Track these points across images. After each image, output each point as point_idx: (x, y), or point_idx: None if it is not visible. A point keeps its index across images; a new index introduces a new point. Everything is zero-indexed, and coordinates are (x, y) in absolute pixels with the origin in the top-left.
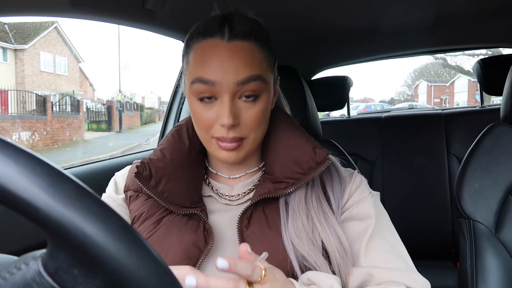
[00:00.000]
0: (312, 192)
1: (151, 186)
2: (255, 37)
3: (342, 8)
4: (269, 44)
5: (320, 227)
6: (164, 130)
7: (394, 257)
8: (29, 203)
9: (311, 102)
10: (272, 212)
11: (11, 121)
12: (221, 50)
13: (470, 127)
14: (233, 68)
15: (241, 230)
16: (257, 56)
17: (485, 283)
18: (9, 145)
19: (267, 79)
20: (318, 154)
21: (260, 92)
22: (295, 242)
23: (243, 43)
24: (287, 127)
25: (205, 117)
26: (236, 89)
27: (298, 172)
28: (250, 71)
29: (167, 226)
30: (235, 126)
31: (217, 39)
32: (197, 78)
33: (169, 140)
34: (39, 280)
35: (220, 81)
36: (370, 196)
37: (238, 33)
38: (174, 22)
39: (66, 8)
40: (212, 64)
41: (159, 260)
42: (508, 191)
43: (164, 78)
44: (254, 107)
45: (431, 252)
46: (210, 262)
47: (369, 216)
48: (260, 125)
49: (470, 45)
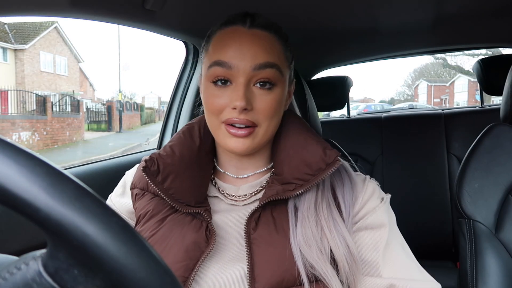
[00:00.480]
0: (322, 197)
1: (157, 182)
2: (275, 31)
3: (342, 8)
4: (287, 44)
5: (329, 234)
6: (164, 130)
7: (411, 266)
8: (29, 203)
9: (311, 102)
10: (281, 216)
11: (11, 121)
12: (242, 35)
13: (470, 127)
14: (251, 53)
15: (248, 232)
16: (276, 46)
17: (485, 283)
18: (9, 145)
19: (284, 72)
20: (328, 155)
21: (275, 81)
22: (303, 249)
23: (264, 32)
24: (297, 127)
25: (217, 101)
26: (252, 74)
27: (308, 173)
28: (268, 58)
29: (170, 225)
30: (247, 111)
31: (238, 26)
32: (214, 62)
33: (179, 137)
34: (39, 280)
35: (237, 65)
36: (383, 204)
37: (259, 23)
38: (174, 22)
39: (66, 8)
40: (231, 48)
41: (159, 260)
42: (508, 191)
43: (164, 78)
44: (269, 95)
45: (431, 252)
46: (211, 262)
47: (383, 225)
48: (273, 116)
49: (470, 45)
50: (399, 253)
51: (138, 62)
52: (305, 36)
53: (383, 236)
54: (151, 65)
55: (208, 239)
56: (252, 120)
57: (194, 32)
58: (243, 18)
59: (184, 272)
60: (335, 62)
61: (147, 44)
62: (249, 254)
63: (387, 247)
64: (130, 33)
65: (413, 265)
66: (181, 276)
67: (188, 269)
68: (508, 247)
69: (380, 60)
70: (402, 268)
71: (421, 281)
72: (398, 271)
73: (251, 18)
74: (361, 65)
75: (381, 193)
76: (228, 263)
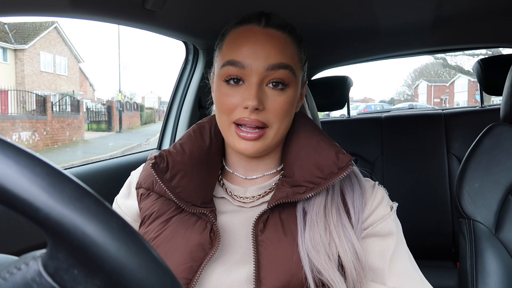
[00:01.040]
0: (332, 202)
1: (165, 179)
2: (290, 31)
3: (342, 8)
4: (302, 45)
5: (338, 240)
6: (164, 130)
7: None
8: (29, 203)
9: (311, 102)
10: (289, 219)
11: (11, 121)
12: (256, 34)
13: (470, 127)
14: (265, 53)
15: (256, 234)
16: (290, 47)
17: (485, 283)
18: (9, 145)
19: (297, 73)
20: (340, 159)
21: (288, 82)
22: (310, 254)
23: (278, 32)
24: (309, 130)
25: (229, 100)
26: (265, 74)
27: (319, 176)
28: (282, 59)
29: (175, 226)
30: (258, 110)
31: (253, 25)
32: (228, 61)
33: (190, 136)
34: (39, 280)
35: (250, 65)
36: (393, 213)
37: (274, 23)
38: (174, 22)
39: (66, 8)
40: (244, 47)
41: (159, 260)
42: (508, 191)
43: (164, 78)
44: (281, 95)
45: (431, 252)
46: (216, 265)
47: (391, 233)
48: (285, 117)
49: (470, 45)
50: (405, 263)
51: (138, 62)
52: (305, 36)
53: (390, 244)
54: (151, 65)
55: (213, 240)
56: (263, 121)
57: (194, 32)
58: (259, 17)
59: (188, 274)
60: (335, 62)
61: (147, 44)
62: (256, 256)
63: (394, 256)
64: (130, 33)
65: (417, 276)
66: (185, 278)
67: (192, 271)
68: (508, 247)
69: (380, 60)
70: (406, 279)
71: None
72: (403, 282)
73: (266, 17)
74: (361, 65)
75: (389, 201)
76: (234, 265)
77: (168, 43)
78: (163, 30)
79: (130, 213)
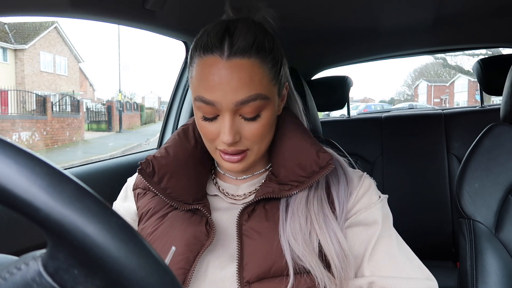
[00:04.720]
0: (314, 194)
1: (154, 182)
2: (256, 50)
3: (342, 8)
4: (273, 53)
5: (318, 229)
6: (164, 130)
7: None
8: (29, 203)
9: (311, 102)
10: (273, 210)
11: (11, 121)
12: (220, 69)
13: (470, 127)
14: (231, 88)
15: (240, 224)
16: (257, 73)
17: (485, 283)
18: (9, 145)
19: (269, 95)
20: (321, 158)
21: (261, 110)
22: (291, 242)
23: (243, 61)
24: (293, 129)
25: (208, 131)
26: (236, 108)
27: (302, 175)
28: (250, 91)
29: (171, 221)
30: (236, 142)
31: (216, 56)
32: (198, 97)
33: (174, 138)
34: (39, 280)
35: (219, 102)
36: (379, 202)
37: (237, 49)
38: (174, 22)
39: (66, 8)
40: (211, 84)
41: (159, 260)
42: (508, 191)
43: (164, 78)
44: (256, 123)
45: (431, 252)
46: (211, 257)
47: (375, 222)
48: (264, 138)
49: (470, 45)
50: (390, 250)
51: (138, 62)
52: (305, 36)
53: (374, 233)
54: (151, 65)
55: (208, 232)
56: (242, 148)
57: (194, 32)
58: (221, 44)
59: (185, 264)
60: (335, 62)
61: (147, 44)
62: (239, 244)
63: (377, 244)
64: (130, 33)
65: (407, 263)
66: (182, 268)
67: (189, 262)
68: (508, 247)
69: (380, 60)
70: (387, 264)
71: (408, 278)
72: (383, 269)
73: (229, 42)
74: (361, 65)
75: (377, 192)
76: (226, 260)
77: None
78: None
79: (129, 214)
